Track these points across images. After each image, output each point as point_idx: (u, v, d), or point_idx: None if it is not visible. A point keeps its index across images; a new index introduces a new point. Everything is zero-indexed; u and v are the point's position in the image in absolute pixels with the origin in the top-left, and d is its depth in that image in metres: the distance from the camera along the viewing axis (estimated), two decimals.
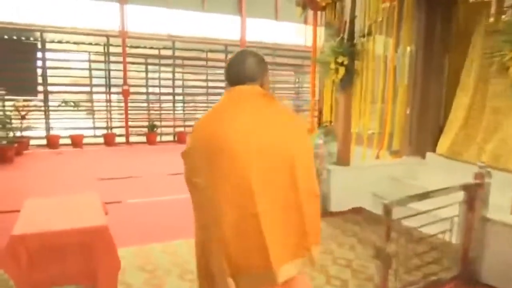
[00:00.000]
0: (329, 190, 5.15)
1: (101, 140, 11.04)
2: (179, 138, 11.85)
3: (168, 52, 11.84)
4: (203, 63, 12.55)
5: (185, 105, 12.69)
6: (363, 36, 4.79)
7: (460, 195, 3.24)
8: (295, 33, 13.03)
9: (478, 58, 5.32)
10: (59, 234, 2.29)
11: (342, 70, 4.90)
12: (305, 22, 13.23)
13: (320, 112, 8.16)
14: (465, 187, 3.22)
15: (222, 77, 12.96)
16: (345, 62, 4.90)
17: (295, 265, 1.66)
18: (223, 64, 12.82)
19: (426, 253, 3.26)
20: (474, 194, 3.21)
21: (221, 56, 12.63)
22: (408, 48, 5.16)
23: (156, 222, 4.80)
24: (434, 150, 5.77)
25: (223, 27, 11.98)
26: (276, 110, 1.69)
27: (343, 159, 5.28)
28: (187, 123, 12.50)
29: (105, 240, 2.38)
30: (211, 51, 12.38)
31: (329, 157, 5.22)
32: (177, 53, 11.95)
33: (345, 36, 4.87)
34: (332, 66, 4.98)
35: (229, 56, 9.72)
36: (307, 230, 1.66)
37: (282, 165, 1.61)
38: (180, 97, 12.53)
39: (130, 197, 5.81)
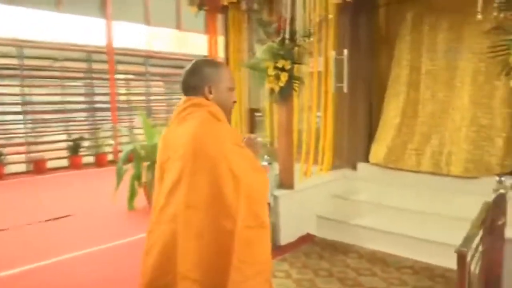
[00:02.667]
0: (278, 220, 4.31)
1: None
2: (37, 167, 9.41)
3: (13, 61, 9.33)
4: (59, 74, 10.29)
5: (38, 125, 10.19)
6: (308, 36, 4.08)
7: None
8: (170, 39, 11.84)
9: (405, 61, 5.17)
10: None
11: (284, 77, 4.12)
12: (179, 27, 12.15)
13: None
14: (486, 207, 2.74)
15: (83, 90, 10.94)
16: (287, 67, 4.14)
17: None
18: (84, 75, 10.81)
19: None
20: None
21: (83, 65, 10.62)
22: (345, 51, 4.66)
23: None
24: (365, 160, 5.45)
25: (85, 32, 10.01)
26: (196, 123, 1.60)
27: (287, 182, 4.50)
28: (42, 147, 10.01)
29: None
30: (69, 59, 10.24)
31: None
32: (26, 62, 9.52)
33: (286, 36, 4.09)
34: (271, 72, 4.16)
35: (93, 65, 8.00)
36: (185, 259, 1.50)
37: (180, 180, 1.55)
38: (37, 116, 10.02)
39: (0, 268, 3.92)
